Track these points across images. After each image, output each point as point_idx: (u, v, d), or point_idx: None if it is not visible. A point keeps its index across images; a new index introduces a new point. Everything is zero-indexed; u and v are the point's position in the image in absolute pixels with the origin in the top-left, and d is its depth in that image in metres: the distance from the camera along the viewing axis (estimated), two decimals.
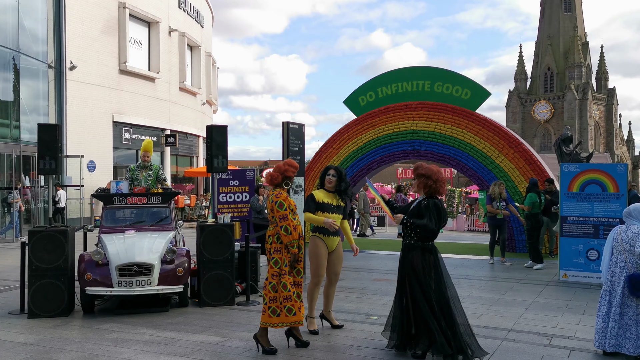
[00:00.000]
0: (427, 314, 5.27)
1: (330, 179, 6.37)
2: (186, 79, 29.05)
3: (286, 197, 5.88)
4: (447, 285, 5.47)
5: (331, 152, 15.55)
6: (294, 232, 5.73)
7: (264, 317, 5.71)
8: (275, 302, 5.66)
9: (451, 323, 5.31)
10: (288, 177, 5.97)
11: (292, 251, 5.73)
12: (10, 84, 18.89)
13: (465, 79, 14.60)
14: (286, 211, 5.74)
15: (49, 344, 6.13)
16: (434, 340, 5.24)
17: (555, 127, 75.13)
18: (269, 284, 5.72)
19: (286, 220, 5.72)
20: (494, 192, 11.80)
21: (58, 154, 7.91)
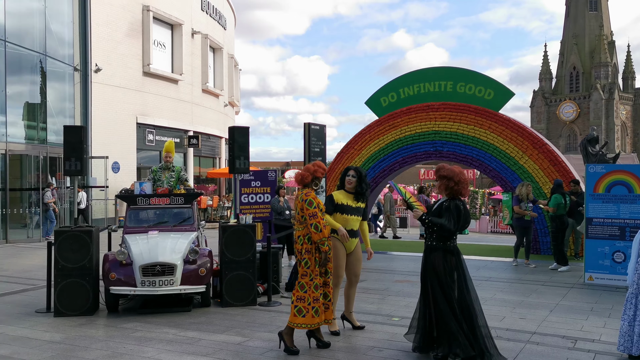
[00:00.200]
0: (448, 316, 5.24)
1: (350, 180, 6.37)
2: (209, 80, 29.26)
3: (315, 196, 5.90)
4: (469, 287, 5.43)
5: (353, 153, 15.52)
6: (324, 229, 5.74)
7: (290, 316, 5.74)
8: (302, 301, 5.68)
9: (472, 325, 5.27)
10: (317, 177, 6.03)
11: (322, 249, 5.74)
12: (38, 86, 19.22)
13: (488, 79, 14.47)
14: (316, 209, 5.77)
15: (74, 342, 6.22)
16: (455, 342, 5.20)
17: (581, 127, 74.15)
18: (297, 283, 5.75)
19: (316, 218, 5.74)
20: (521, 193, 11.63)
21: (83, 155, 8.03)
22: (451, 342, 5.24)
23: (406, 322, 6.89)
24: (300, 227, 5.89)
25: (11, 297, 8.84)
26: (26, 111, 18.91)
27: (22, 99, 18.67)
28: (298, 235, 5.90)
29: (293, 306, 5.72)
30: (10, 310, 7.82)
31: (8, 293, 9.11)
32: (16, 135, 18.01)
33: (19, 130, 18.36)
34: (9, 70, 17.44)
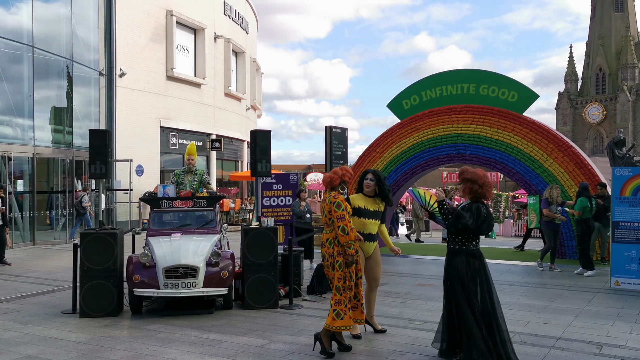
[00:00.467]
0: (470, 321, 5.20)
1: (368, 183, 6.35)
2: (231, 84, 29.46)
3: (343, 199, 5.92)
4: (491, 291, 5.38)
5: (374, 156, 15.49)
6: (351, 232, 5.75)
7: (328, 319, 5.73)
8: (340, 304, 5.69)
9: (491, 331, 5.23)
10: (345, 181, 6.07)
11: (349, 252, 5.74)
12: (64, 91, 19.55)
13: (512, 81, 14.33)
14: (343, 211, 5.78)
15: (99, 342, 6.31)
16: (475, 347, 5.15)
17: (608, 129, 73.03)
18: (334, 287, 5.76)
19: (343, 220, 5.75)
20: (551, 196, 11.46)
21: (108, 159, 8.16)
22: (471, 347, 5.20)
23: (428, 326, 6.88)
24: (328, 229, 5.90)
25: (38, 298, 8.99)
26: (53, 115, 19.24)
27: (49, 103, 19.01)
28: (327, 238, 5.89)
29: (332, 310, 5.70)
30: (38, 311, 7.96)
31: (35, 294, 9.27)
32: (43, 139, 18.34)
33: (46, 134, 18.69)
34: (37, 75, 17.77)
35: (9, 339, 6.49)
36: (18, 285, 10.10)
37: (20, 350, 6.02)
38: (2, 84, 16.85)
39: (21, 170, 17.53)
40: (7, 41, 16.92)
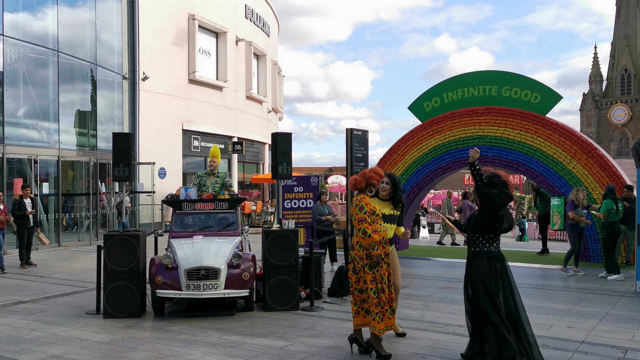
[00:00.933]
0: (497, 322, 5.16)
1: (384, 187, 6.33)
2: (252, 87, 29.63)
3: (368, 202, 5.90)
4: (514, 294, 5.34)
5: (396, 159, 15.45)
6: (373, 234, 5.72)
7: (374, 323, 5.70)
8: (378, 306, 5.69)
9: (517, 333, 5.19)
10: (371, 184, 6.01)
11: (373, 253, 5.72)
12: (88, 95, 19.85)
13: (535, 82, 14.19)
14: (365, 214, 5.77)
15: (122, 343, 6.39)
16: (508, 346, 5.11)
17: (634, 131, 71.84)
18: (369, 289, 5.72)
19: (364, 223, 5.75)
20: (577, 199, 11.20)
21: (131, 162, 8.27)
22: (499, 349, 5.16)
23: (449, 329, 6.84)
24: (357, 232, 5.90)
25: (63, 298, 9.14)
26: (77, 119, 19.54)
27: (73, 107, 19.31)
28: (356, 241, 5.89)
29: (374, 314, 5.69)
30: (63, 312, 8.09)
31: (61, 295, 9.42)
32: (68, 142, 18.63)
33: (70, 137, 18.99)
34: (62, 80, 18.07)
35: (35, 338, 6.61)
36: (43, 286, 10.28)
37: (45, 349, 6.13)
38: (28, 88, 17.18)
39: (46, 172, 17.83)
40: (33, 46, 17.25)
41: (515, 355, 5.10)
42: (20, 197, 12.89)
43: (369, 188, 6.01)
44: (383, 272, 5.79)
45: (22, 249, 12.84)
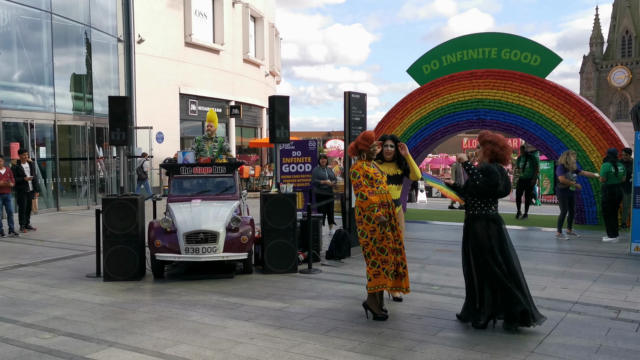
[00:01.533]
0: (503, 278, 5.25)
1: (388, 150, 6.35)
2: (250, 50, 29.29)
3: (360, 166, 5.91)
4: (511, 255, 5.42)
5: (394, 122, 15.39)
6: (370, 196, 5.73)
7: (368, 283, 5.81)
8: (374, 266, 5.76)
9: (522, 290, 5.31)
10: (361, 150, 5.99)
11: (374, 215, 5.72)
12: (83, 58, 19.63)
13: (535, 44, 14.04)
14: (359, 179, 5.82)
15: (122, 305, 6.48)
16: (516, 301, 5.22)
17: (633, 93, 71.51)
18: (376, 247, 5.77)
19: (360, 187, 5.80)
20: (567, 162, 11.13)
21: (128, 126, 8.22)
22: (494, 309, 5.26)
23: (445, 291, 6.94)
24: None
25: (64, 262, 9.22)
26: (73, 82, 19.38)
27: (69, 70, 19.12)
28: (355, 205, 5.95)
29: (368, 273, 5.79)
30: (63, 275, 8.18)
31: (61, 258, 9.51)
32: (64, 106, 18.51)
33: (66, 101, 18.86)
34: (56, 42, 17.84)
35: (36, 300, 6.69)
36: (43, 250, 10.36)
37: (46, 311, 6.21)
38: (22, 51, 16.97)
39: (43, 137, 17.77)
40: (26, 7, 16.98)
41: (526, 307, 5.20)
42: (18, 162, 12.87)
43: (362, 154, 6.02)
44: (389, 234, 5.78)
45: (21, 213, 12.89)
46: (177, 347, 5.01)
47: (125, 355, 4.80)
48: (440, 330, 5.41)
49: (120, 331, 5.48)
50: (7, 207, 12.16)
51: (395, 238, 5.82)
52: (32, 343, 5.15)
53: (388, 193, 5.93)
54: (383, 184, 5.91)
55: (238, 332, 5.42)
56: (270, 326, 5.60)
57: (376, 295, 5.87)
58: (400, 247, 5.87)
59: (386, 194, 5.90)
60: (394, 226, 5.85)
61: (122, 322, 5.80)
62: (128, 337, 5.28)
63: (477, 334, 5.31)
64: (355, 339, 5.18)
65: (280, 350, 4.89)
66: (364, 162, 5.97)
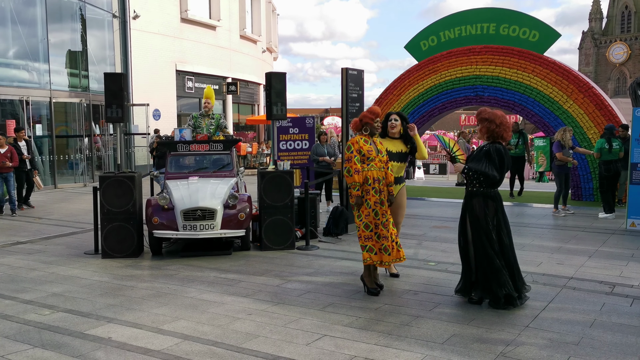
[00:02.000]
0: (491, 257, 5.29)
1: (393, 124, 6.33)
2: (246, 26, 29.02)
3: (356, 141, 5.90)
4: (507, 233, 5.45)
5: (391, 99, 15.34)
6: (355, 174, 5.76)
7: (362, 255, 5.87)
8: (370, 240, 5.79)
9: (511, 270, 5.34)
10: (366, 122, 5.95)
11: (353, 193, 5.78)
12: (78, 34, 19.44)
13: (533, 19, 13.94)
14: (352, 154, 5.82)
15: (121, 281, 6.51)
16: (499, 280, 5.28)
17: (632, 70, 71.22)
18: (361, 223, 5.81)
19: (349, 162, 5.82)
20: (564, 139, 11.13)
21: (124, 102, 8.18)
22: (493, 283, 5.31)
23: (442, 267, 6.99)
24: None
25: (62, 239, 9.25)
26: (68, 59, 19.22)
27: (64, 47, 18.95)
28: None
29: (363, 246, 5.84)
30: (61, 252, 8.21)
31: (59, 235, 9.53)
32: (60, 83, 18.38)
33: (62, 78, 18.73)
34: (50, 18, 17.65)
35: (35, 277, 6.73)
36: (41, 227, 10.38)
37: (45, 288, 6.25)
38: (16, 27, 16.80)
39: (39, 114, 17.68)
40: None
41: (509, 292, 5.26)
42: (15, 140, 12.77)
43: (365, 127, 5.96)
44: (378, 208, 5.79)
45: (21, 189, 12.82)
46: (175, 323, 5.05)
47: (124, 331, 4.85)
48: (436, 306, 5.46)
49: (118, 307, 5.52)
50: (8, 186, 11.84)
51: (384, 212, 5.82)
52: (31, 319, 5.18)
53: (380, 170, 5.88)
54: (375, 162, 5.87)
55: (236, 308, 5.47)
56: (268, 302, 5.64)
57: (370, 268, 5.93)
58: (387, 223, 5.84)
59: (377, 170, 5.85)
60: (383, 200, 5.85)
61: (120, 298, 5.84)
62: (127, 313, 5.32)
63: (473, 309, 5.37)
64: (352, 315, 5.23)
65: (278, 326, 4.94)
66: (362, 138, 5.95)
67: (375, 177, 5.83)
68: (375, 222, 5.80)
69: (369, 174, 5.81)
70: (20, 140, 12.82)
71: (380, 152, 5.99)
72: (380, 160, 5.90)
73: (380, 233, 5.77)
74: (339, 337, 4.65)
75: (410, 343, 4.51)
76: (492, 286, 5.32)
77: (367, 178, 5.80)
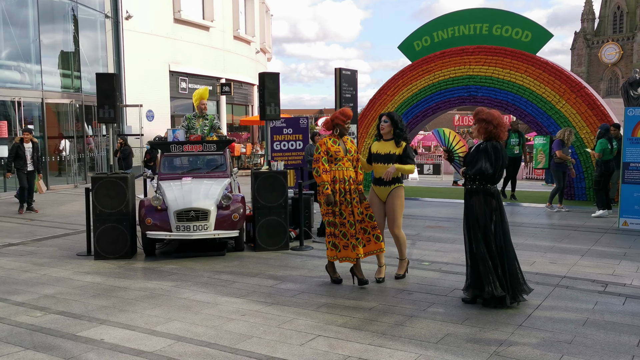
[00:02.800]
0: (484, 257, 5.30)
1: (382, 125, 6.31)
2: (240, 27, 28.99)
3: (324, 142, 6.13)
4: (505, 230, 5.48)
5: (385, 99, 15.35)
6: (324, 174, 6.03)
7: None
8: (335, 237, 6.11)
9: (504, 267, 5.35)
10: (337, 124, 6.15)
11: (324, 192, 6.02)
12: (71, 35, 19.37)
13: (526, 20, 13.99)
14: (319, 155, 6.08)
15: (114, 283, 6.48)
16: (485, 280, 5.28)
17: (624, 70, 71.49)
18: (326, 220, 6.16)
19: (317, 162, 6.09)
20: (565, 138, 11.38)
21: (116, 103, 8.14)
22: (483, 283, 5.31)
23: (436, 267, 6.99)
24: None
25: (54, 240, 9.20)
26: (61, 60, 19.14)
27: (56, 47, 18.87)
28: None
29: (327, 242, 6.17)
30: (54, 253, 8.16)
31: (51, 237, 9.48)
32: (52, 84, 18.30)
33: (54, 79, 18.65)
34: (42, 19, 17.58)
35: (27, 279, 6.69)
36: (33, 229, 10.32)
37: (37, 290, 6.21)
38: (8, 28, 16.72)
39: (31, 115, 17.60)
40: None
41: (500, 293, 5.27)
42: (21, 141, 12.51)
43: (335, 128, 6.17)
44: (343, 208, 6.07)
45: (22, 193, 12.60)
46: (169, 324, 5.03)
47: (117, 333, 4.82)
48: (430, 306, 5.46)
49: (111, 309, 5.49)
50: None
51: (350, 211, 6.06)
52: (23, 321, 5.15)
53: (347, 170, 6.12)
54: (342, 162, 6.12)
55: (230, 308, 5.45)
56: (262, 303, 5.63)
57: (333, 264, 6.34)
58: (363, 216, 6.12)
59: (344, 170, 6.10)
60: (349, 201, 6.09)
61: (113, 300, 5.81)
62: (119, 315, 5.30)
63: (466, 308, 5.37)
64: (346, 315, 5.22)
65: (272, 327, 4.92)
66: (331, 139, 6.15)
67: (340, 177, 6.08)
68: (341, 222, 6.07)
69: (336, 174, 6.07)
70: (27, 142, 12.54)
71: (349, 151, 6.21)
72: (348, 159, 6.15)
73: (347, 232, 6.05)
74: (333, 337, 4.64)
75: (404, 343, 4.51)
76: (484, 285, 5.33)
77: (334, 178, 6.08)
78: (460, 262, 6.60)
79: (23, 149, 12.42)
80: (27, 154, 12.49)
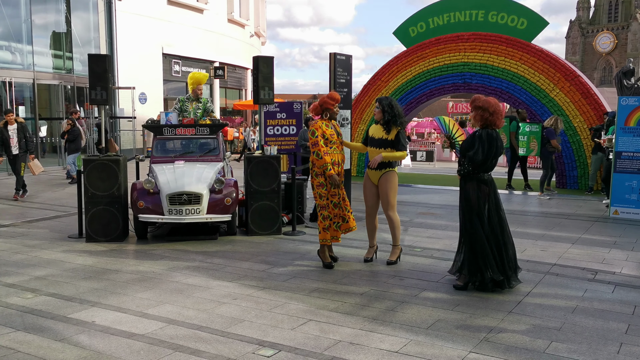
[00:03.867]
0: (482, 240, 5.33)
1: (374, 111, 6.37)
2: (234, 10, 28.75)
3: (319, 126, 6.19)
4: (501, 217, 5.52)
5: (379, 85, 15.30)
6: (325, 156, 6.11)
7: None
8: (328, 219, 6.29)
9: (500, 254, 5.40)
10: (326, 108, 6.27)
11: (327, 173, 6.12)
12: (63, 15, 19.15)
13: (522, 7, 13.95)
14: (317, 138, 6.14)
15: (105, 265, 6.47)
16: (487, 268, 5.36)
17: (618, 59, 71.61)
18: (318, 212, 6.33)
19: (317, 146, 6.13)
20: (556, 126, 11.61)
21: (108, 85, 8.06)
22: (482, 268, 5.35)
23: (427, 253, 7.02)
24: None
25: (45, 222, 9.16)
26: (52, 41, 18.94)
27: (48, 28, 18.66)
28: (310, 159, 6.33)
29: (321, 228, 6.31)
30: (45, 235, 8.13)
31: (42, 219, 9.44)
32: (44, 64, 18.12)
33: (46, 60, 18.46)
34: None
35: (18, 261, 6.66)
36: (24, 211, 10.27)
37: (28, 272, 6.19)
38: None
39: (22, 96, 17.44)
40: None
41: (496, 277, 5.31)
42: (5, 125, 11.66)
43: (325, 113, 6.29)
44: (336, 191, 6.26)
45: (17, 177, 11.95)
46: (160, 307, 5.03)
47: (108, 315, 4.82)
48: (421, 292, 5.49)
49: (102, 291, 5.48)
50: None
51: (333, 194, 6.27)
52: (14, 303, 5.14)
53: (340, 153, 6.33)
54: (337, 145, 6.29)
55: (221, 292, 5.46)
56: (254, 287, 5.64)
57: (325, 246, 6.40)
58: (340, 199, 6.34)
59: (337, 153, 6.29)
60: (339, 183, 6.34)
61: (104, 282, 5.81)
62: (111, 298, 5.29)
63: (458, 294, 5.40)
64: (338, 300, 5.24)
65: (264, 311, 4.94)
66: (324, 123, 6.25)
67: (335, 160, 6.25)
68: (334, 202, 6.28)
69: (332, 157, 6.20)
70: (11, 124, 11.69)
71: (340, 134, 6.45)
72: (339, 142, 6.39)
73: (338, 212, 6.31)
74: (324, 322, 4.66)
75: (395, 328, 4.54)
76: (480, 269, 5.38)
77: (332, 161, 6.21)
78: (452, 248, 6.62)
79: (7, 133, 11.59)
80: (13, 136, 11.69)
